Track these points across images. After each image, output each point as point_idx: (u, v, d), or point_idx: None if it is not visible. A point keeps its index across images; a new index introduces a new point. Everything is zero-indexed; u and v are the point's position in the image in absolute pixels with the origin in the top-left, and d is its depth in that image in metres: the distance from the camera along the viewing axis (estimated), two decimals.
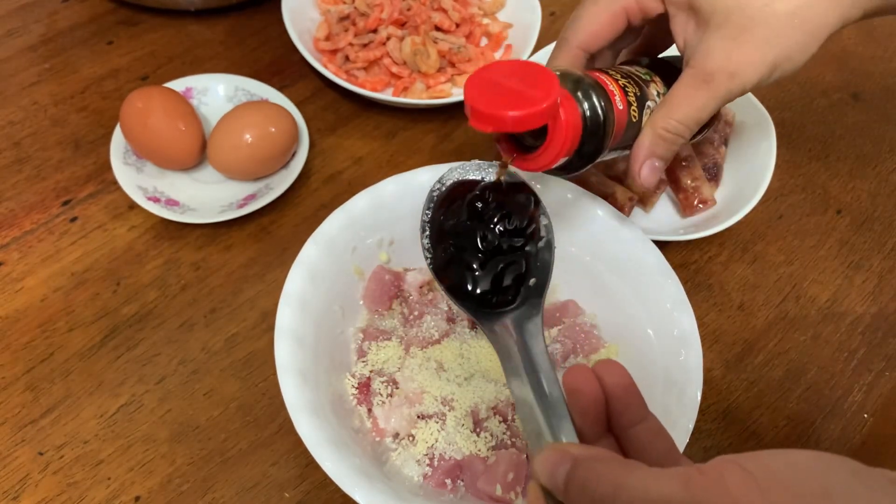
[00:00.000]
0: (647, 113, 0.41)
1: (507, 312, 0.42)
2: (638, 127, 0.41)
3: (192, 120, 0.57)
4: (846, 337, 0.55)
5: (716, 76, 0.37)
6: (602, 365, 0.31)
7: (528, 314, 0.41)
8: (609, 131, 0.39)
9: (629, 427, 0.31)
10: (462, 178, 0.45)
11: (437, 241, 0.44)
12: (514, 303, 0.42)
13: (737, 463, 0.24)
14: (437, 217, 0.44)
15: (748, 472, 0.23)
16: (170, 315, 0.52)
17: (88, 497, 0.45)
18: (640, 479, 0.25)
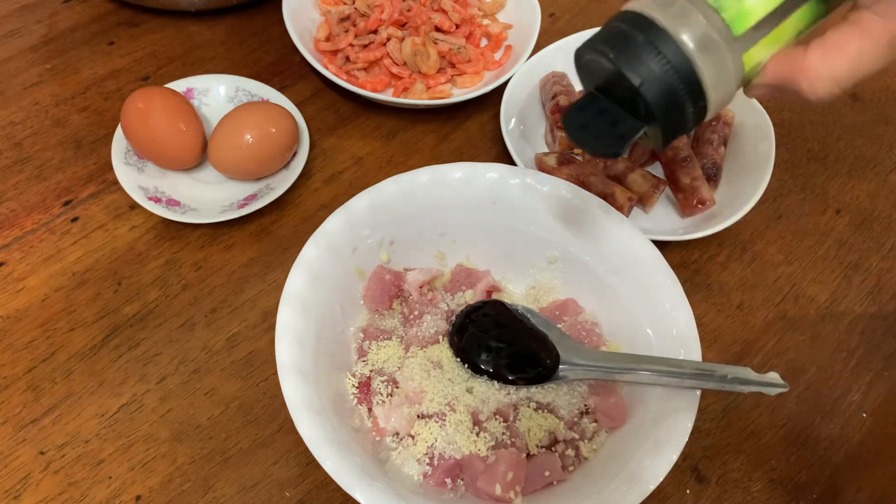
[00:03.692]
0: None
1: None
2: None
3: (193, 120, 0.57)
4: (845, 337, 0.55)
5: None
6: None
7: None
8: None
9: None
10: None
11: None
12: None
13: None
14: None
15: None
16: (171, 315, 0.53)
17: (89, 496, 0.45)
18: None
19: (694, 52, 0.32)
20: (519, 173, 0.49)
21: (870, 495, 0.48)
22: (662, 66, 0.32)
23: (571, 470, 0.43)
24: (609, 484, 0.39)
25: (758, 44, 0.33)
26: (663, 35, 0.32)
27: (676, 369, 0.41)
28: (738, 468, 0.49)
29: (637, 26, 0.32)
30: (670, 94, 0.32)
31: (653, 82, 0.32)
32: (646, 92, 0.32)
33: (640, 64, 0.32)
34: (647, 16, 0.32)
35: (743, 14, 0.32)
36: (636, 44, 0.32)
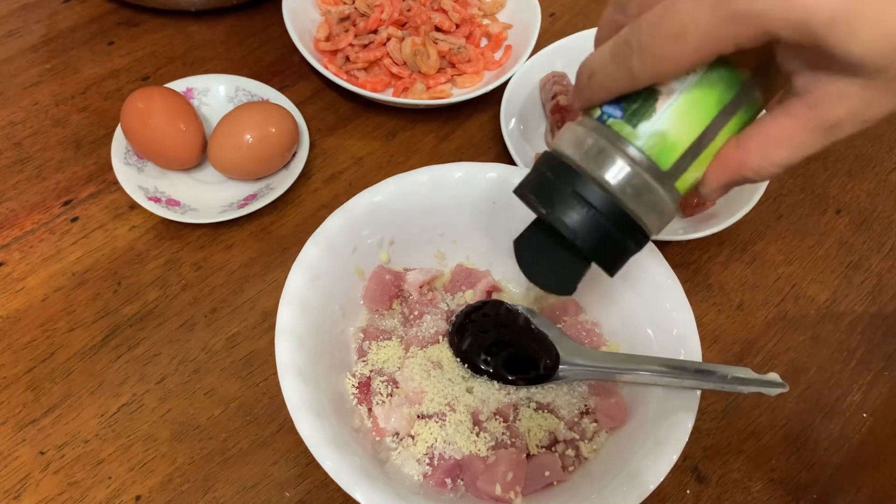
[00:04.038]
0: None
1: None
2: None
3: (193, 120, 0.57)
4: (845, 337, 0.55)
5: (843, 126, 0.30)
6: None
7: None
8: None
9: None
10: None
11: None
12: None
13: None
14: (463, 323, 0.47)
15: None
16: (170, 315, 0.53)
17: (89, 496, 0.45)
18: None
19: (623, 196, 0.31)
20: (519, 173, 0.49)
21: (870, 495, 0.48)
22: (592, 216, 0.31)
23: (571, 470, 0.43)
24: (609, 484, 0.39)
25: (689, 169, 0.32)
26: (589, 184, 0.31)
27: (676, 369, 0.41)
28: (738, 468, 0.49)
29: (561, 175, 0.32)
30: (605, 239, 0.32)
31: (585, 233, 0.32)
32: (581, 243, 0.32)
33: (570, 216, 0.32)
34: (570, 163, 0.32)
35: (668, 149, 0.31)
36: (562, 195, 0.32)
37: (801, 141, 0.31)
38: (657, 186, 0.31)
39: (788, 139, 0.31)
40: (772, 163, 0.31)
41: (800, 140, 0.31)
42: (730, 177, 0.32)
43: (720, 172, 0.32)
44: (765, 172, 0.32)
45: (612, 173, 0.31)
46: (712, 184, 0.33)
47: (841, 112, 0.30)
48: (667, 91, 0.30)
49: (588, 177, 0.31)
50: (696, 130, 0.31)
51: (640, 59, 0.30)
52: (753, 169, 0.32)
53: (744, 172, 0.32)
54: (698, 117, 0.31)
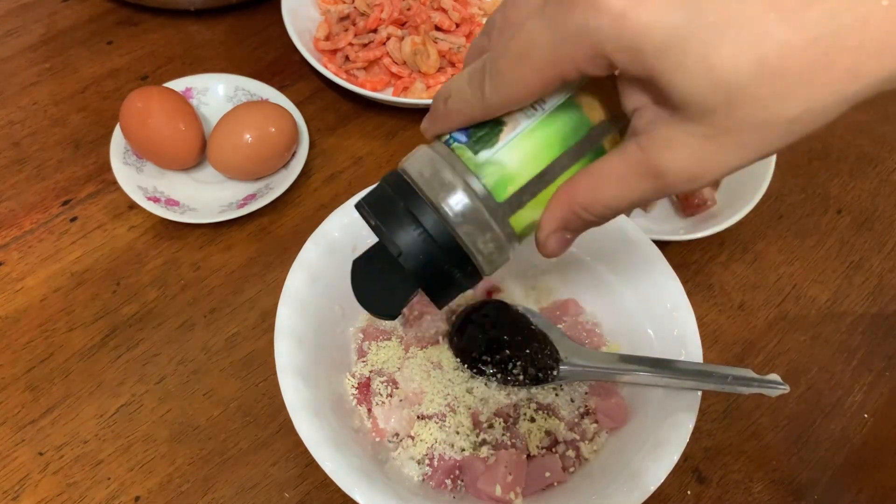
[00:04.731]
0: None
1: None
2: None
3: (192, 120, 0.57)
4: (846, 337, 0.55)
5: (668, 176, 0.28)
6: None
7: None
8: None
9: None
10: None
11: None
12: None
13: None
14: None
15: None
16: (170, 315, 0.52)
17: (88, 497, 0.45)
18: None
19: (454, 221, 0.30)
20: None
21: (871, 496, 0.48)
22: (420, 237, 0.31)
23: (572, 471, 0.43)
24: (610, 485, 0.39)
25: (526, 206, 0.31)
26: (422, 204, 0.30)
27: (677, 370, 0.41)
28: (739, 469, 0.49)
29: (399, 192, 0.31)
30: (431, 264, 0.31)
31: (411, 254, 0.31)
32: (405, 262, 0.31)
33: (399, 233, 0.31)
34: (410, 181, 0.31)
35: (505, 180, 0.30)
36: (396, 212, 0.31)
37: (628, 184, 0.29)
38: (489, 218, 0.30)
39: (617, 180, 0.29)
40: (599, 202, 0.30)
41: (627, 183, 0.29)
42: (561, 214, 0.31)
43: (553, 208, 0.31)
44: (594, 211, 0.30)
45: (445, 196, 0.30)
46: (547, 224, 0.31)
47: (668, 160, 0.27)
48: (512, 123, 0.30)
49: (423, 197, 0.31)
50: (535, 167, 0.31)
51: (491, 83, 0.29)
52: (582, 205, 0.30)
53: (573, 208, 0.30)
54: (539, 154, 0.30)
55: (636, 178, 0.28)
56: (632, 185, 0.29)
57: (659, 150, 0.27)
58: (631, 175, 0.29)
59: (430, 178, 0.31)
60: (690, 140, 0.26)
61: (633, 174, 0.28)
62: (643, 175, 0.28)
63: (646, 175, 0.28)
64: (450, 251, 0.31)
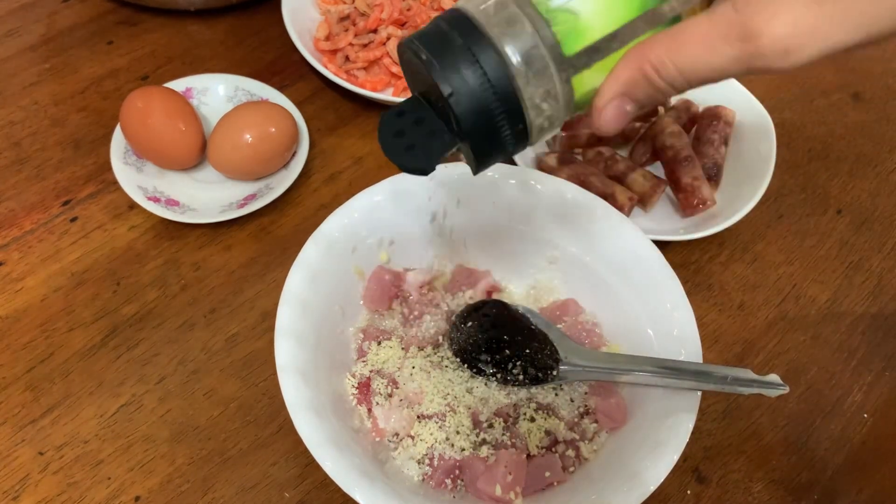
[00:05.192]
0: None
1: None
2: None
3: (193, 120, 0.57)
4: (846, 337, 0.55)
5: (762, 41, 0.25)
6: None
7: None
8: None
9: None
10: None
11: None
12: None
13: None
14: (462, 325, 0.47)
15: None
16: (170, 315, 0.52)
17: (88, 497, 0.45)
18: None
19: (515, 67, 0.28)
20: (519, 173, 0.49)
21: (871, 496, 0.48)
22: (478, 79, 0.28)
23: (572, 471, 0.43)
24: (609, 485, 0.39)
25: (592, 67, 0.28)
26: (484, 42, 0.28)
27: (677, 370, 0.41)
28: (738, 469, 0.49)
29: (458, 28, 0.28)
30: (483, 112, 0.28)
31: (464, 95, 0.28)
32: (455, 104, 0.28)
33: (453, 72, 0.28)
34: (471, 18, 0.28)
35: (577, 32, 0.28)
36: (453, 48, 0.28)
37: (712, 46, 0.26)
38: (555, 71, 0.28)
39: (701, 41, 0.26)
40: (675, 62, 0.27)
41: (712, 45, 0.26)
42: (629, 75, 0.28)
43: (619, 69, 0.28)
44: (666, 73, 0.27)
45: (510, 37, 0.28)
46: (609, 88, 0.29)
47: (765, 23, 0.25)
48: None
49: (485, 37, 0.28)
50: (610, 24, 0.28)
51: None
52: (654, 64, 0.27)
53: (643, 68, 0.27)
54: (618, 10, 0.28)
55: (723, 41, 0.26)
56: (716, 47, 0.26)
57: (757, 10, 0.25)
58: (718, 37, 0.26)
59: (494, 16, 0.28)
60: (795, 2, 0.25)
61: (720, 36, 0.26)
62: (733, 38, 0.26)
63: (736, 38, 0.26)
64: (506, 99, 0.28)
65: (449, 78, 0.28)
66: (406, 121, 0.32)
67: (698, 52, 0.27)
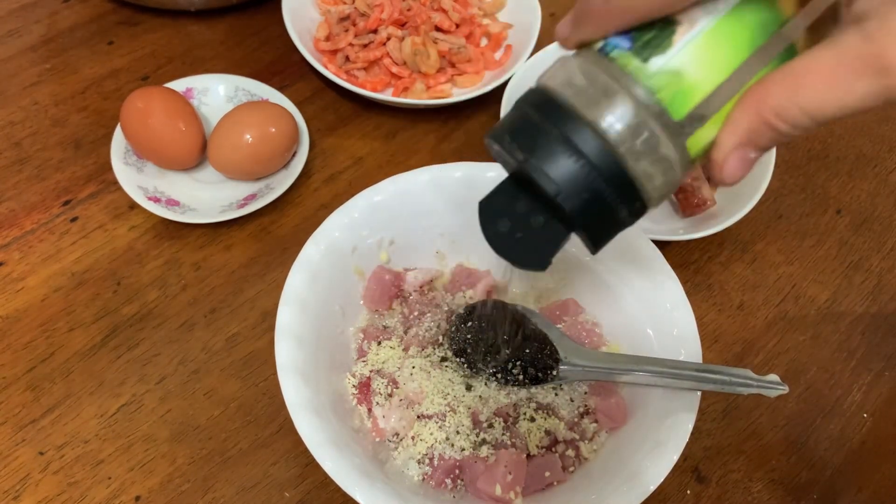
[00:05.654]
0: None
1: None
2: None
3: (193, 120, 0.57)
4: (846, 337, 0.55)
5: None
6: None
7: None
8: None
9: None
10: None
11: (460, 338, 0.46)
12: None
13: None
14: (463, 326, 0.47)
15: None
16: (170, 315, 0.53)
17: (89, 496, 0.45)
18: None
19: (622, 147, 0.25)
20: None
21: (871, 495, 0.48)
22: (582, 169, 0.25)
23: (572, 471, 0.43)
24: (609, 484, 0.39)
25: (707, 124, 0.26)
26: (582, 127, 0.25)
27: (676, 371, 0.41)
28: (738, 468, 0.49)
29: (549, 116, 0.26)
30: (596, 201, 0.26)
31: (572, 190, 0.25)
32: (564, 202, 0.26)
33: (554, 168, 0.25)
34: (561, 100, 0.26)
35: (684, 93, 0.25)
36: (549, 141, 0.25)
37: (841, 82, 0.23)
38: (666, 140, 0.25)
39: (826, 77, 0.24)
40: (798, 105, 0.24)
41: (840, 81, 0.23)
42: (747, 125, 0.25)
43: (736, 120, 0.25)
44: (789, 117, 0.24)
45: (612, 117, 0.25)
46: (727, 140, 0.26)
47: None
48: (688, 22, 0.25)
49: (581, 119, 0.25)
50: (720, 74, 0.25)
51: None
52: (775, 110, 0.24)
53: (763, 115, 0.25)
54: (724, 57, 0.25)
55: (853, 75, 0.23)
56: (846, 83, 0.23)
57: (887, 37, 0.22)
58: (846, 71, 0.23)
59: (591, 95, 0.25)
60: None
61: (849, 70, 0.23)
62: (868, 72, 0.23)
63: (872, 72, 0.23)
64: (618, 185, 0.26)
65: (552, 175, 0.25)
66: (507, 206, 0.29)
67: (826, 91, 0.24)
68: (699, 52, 0.25)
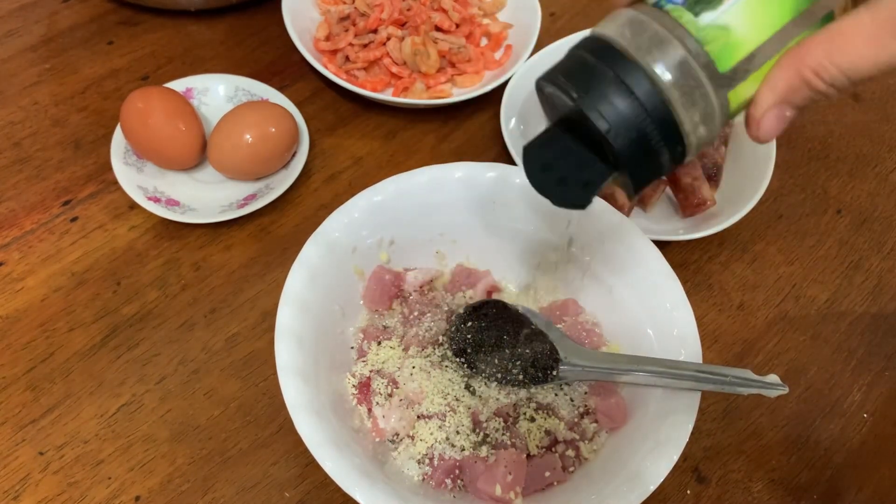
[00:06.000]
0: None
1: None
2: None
3: (193, 120, 0.57)
4: (846, 337, 0.55)
5: None
6: None
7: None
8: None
9: None
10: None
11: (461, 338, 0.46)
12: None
13: None
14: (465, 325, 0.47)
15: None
16: (170, 315, 0.53)
17: (89, 497, 0.45)
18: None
19: (672, 92, 0.27)
20: (519, 173, 0.49)
21: (871, 495, 0.48)
22: (633, 109, 0.27)
23: (572, 471, 0.43)
24: (609, 484, 0.39)
25: (747, 79, 0.28)
26: (635, 70, 0.27)
27: (676, 371, 0.41)
28: (738, 469, 0.49)
29: (605, 58, 0.28)
30: (642, 142, 0.28)
31: (622, 128, 0.27)
32: (614, 139, 0.28)
33: (607, 106, 0.27)
34: (616, 45, 0.28)
35: (730, 47, 0.27)
36: (603, 81, 0.27)
37: (879, 42, 0.25)
38: (710, 90, 0.27)
39: (865, 38, 0.25)
40: (837, 63, 0.26)
41: (878, 41, 0.25)
42: (787, 82, 0.27)
43: (775, 77, 0.27)
44: (827, 75, 0.26)
45: (664, 63, 0.27)
46: (766, 97, 0.28)
47: None
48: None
49: (635, 64, 0.27)
50: (764, 33, 0.27)
51: None
52: (814, 68, 0.26)
53: (803, 73, 0.27)
54: (769, 17, 0.27)
55: (888, 34, 0.25)
56: (881, 41, 0.25)
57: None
58: (881, 30, 0.25)
59: (644, 42, 0.27)
60: None
61: (884, 29, 0.25)
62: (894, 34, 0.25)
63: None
64: (665, 127, 0.28)
65: (604, 113, 0.27)
66: (552, 152, 0.31)
67: (863, 51, 0.26)
68: (746, 11, 0.27)
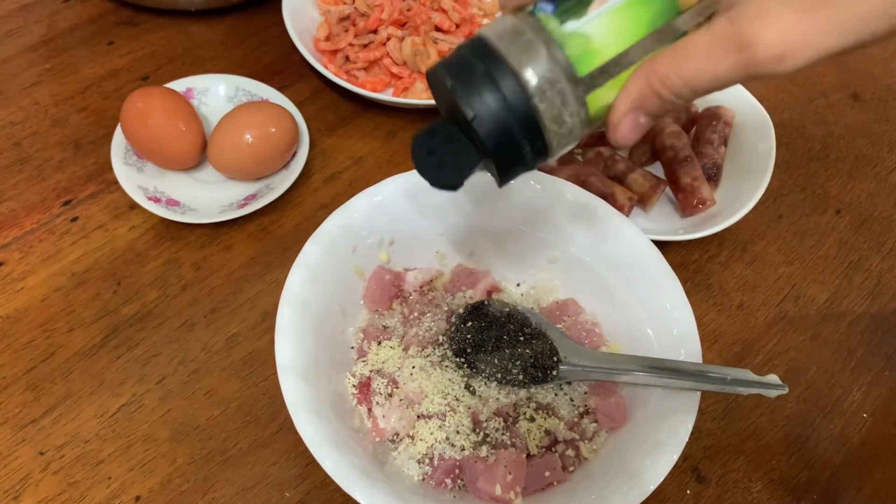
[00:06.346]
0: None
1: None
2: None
3: (193, 120, 0.57)
4: (845, 337, 0.55)
5: (757, 50, 0.27)
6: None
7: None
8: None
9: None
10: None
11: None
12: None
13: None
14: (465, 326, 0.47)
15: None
16: (170, 315, 0.53)
17: (89, 496, 0.45)
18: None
19: (533, 90, 0.30)
20: None
21: (870, 495, 0.48)
22: (498, 102, 0.30)
23: (572, 470, 0.43)
24: (609, 484, 0.39)
25: (604, 86, 0.31)
26: (504, 69, 0.30)
27: (676, 371, 0.41)
28: (738, 468, 0.49)
29: (480, 56, 0.31)
30: (504, 131, 0.31)
31: (486, 117, 0.31)
32: (478, 126, 0.31)
33: (476, 97, 0.31)
34: (491, 46, 0.31)
35: (589, 54, 0.30)
36: (474, 74, 0.31)
37: (712, 58, 0.28)
38: (568, 91, 0.30)
39: (702, 53, 0.29)
40: (680, 75, 0.29)
41: (712, 57, 0.28)
42: (638, 91, 0.30)
43: (629, 86, 0.31)
44: (673, 85, 0.30)
45: (526, 62, 0.30)
46: (622, 103, 0.31)
47: (757, 31, 0.27)
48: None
49: (504, 62, 0.30)
50: (620, 45, 0.31)
51: None
52: (661, 78, 0.30)
53: (651, 83, 0.30)
54: (626, 31, 0.30)
55: (722, 52, 0.28)
56: (716, 58, 0.28)
57: (749, 20, 0.27)
58: (717, 48, 0.28)
59: (512, 43, 0.31)
60: (783, 11, 0.27)
61: (719, 48, 0.28)
62: (730, 48, 0.28)
63: (733, 48, 0.28)
64: (525, 120, 0.31)
65: (472, 102, 0.31)
66: (436, 140, 0.34)
67: (700, 64, 0.29)
68: (606, 23, 0.30)
